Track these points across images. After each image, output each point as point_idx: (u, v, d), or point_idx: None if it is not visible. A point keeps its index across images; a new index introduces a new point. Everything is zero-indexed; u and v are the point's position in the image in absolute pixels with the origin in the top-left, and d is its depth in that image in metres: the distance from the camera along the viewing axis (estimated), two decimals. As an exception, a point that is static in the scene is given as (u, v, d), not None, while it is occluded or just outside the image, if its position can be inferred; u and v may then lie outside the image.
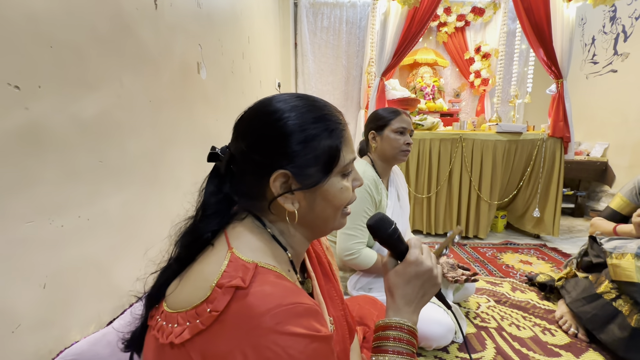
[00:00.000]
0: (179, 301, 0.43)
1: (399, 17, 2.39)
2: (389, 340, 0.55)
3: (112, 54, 0.83)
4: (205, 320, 0.39)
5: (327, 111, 0.51)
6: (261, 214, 0.52)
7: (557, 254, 2.23)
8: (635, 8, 2.87)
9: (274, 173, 0.47)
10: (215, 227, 0.50)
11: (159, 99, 1.05)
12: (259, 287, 0.41)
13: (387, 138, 1.23)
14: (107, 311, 0.81)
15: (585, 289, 1.30)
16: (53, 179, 0.65)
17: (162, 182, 1.09)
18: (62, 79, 0.68)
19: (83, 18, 0.73)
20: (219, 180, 0.52)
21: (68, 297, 0.69)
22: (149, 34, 1.00)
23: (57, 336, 0.66)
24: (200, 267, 0.46)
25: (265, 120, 0.48)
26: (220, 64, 1.62)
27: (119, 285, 0.85)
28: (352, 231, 1.16)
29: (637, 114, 2.90)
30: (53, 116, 0.65)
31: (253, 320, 0.38)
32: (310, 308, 0.42)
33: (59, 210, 0.67)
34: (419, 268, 0.56)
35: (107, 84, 0.81)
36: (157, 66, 1.04)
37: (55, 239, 0.66)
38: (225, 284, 0.40)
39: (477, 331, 1.28)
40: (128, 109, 0.89)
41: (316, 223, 0.53)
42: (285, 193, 0.48)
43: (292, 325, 0.39)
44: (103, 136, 0.80)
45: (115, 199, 0.84)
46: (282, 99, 0.50)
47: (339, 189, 0.51)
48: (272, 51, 3.00)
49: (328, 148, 0.48)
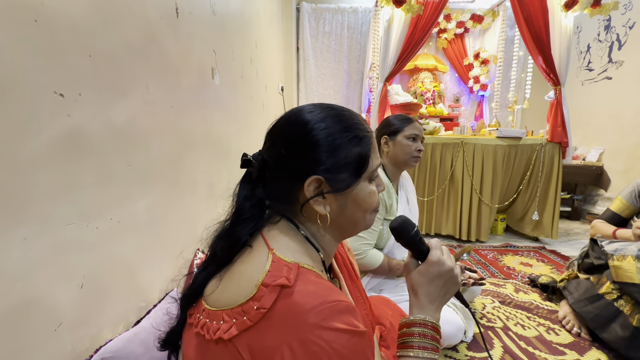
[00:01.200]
0: (223, 300, 0.46)
1: (403, 24, 2.44)
2: (414, 336, 0.58)
3: (140, 61, 0.86)
4: (253, 317, 0.42)
5: (355, 120, 0.54)
6: (294, 217, 0.55)
7: (556, 256, 2.29)
8: (629, 17, 2.96)
9: (308, 178, 0.50)
10: (252, 230, 0.53)
11: (179, 104, 1.08)
12: (303, 285, 0.44)
13: (399, 144, 1.27)
14: (133, 311, 0.83)
15: (587, 289, 1.34)
16: (90, 183, 0.68)
17: (182, 185, 1.11)
18: (99, 86, 0.70)
19: (116, 27, 0.76)
20: (251, 185, 0.55)
21: (102, 297, 0.71)
22: (171, 41, 1.03)
23: (92, 335, 0.68)
24: (243, 268, 0.49)
25: (299, 130, 0.51)
26: (232, 69, 1.65)
27: (145, 286, 0.87)
28: (363, 233, 1.20)
29: (631, 120, 2.99)
30: (91, 122, 0.68)
31: (299, 317, 0.41)
32: (349, 305, 0.45)
33: (95, 212, 0.69)
34: (441, 268, 0.60)
35: (136, 90, 0.84)
36: (177, 72, 1.07)
37: (92, 241, 0.68)
38: (271, 283, 0.43)
39: (484, 331, 1.32)
40: (153, 114, 0.92)
41: (346, 225, 0.56)
42: (318, 196, 0.51)
43: (335, 321, 0.41)
44: (131, 141, 0.82)
45: (142, 201, 0.87)
46: (310, 109, 0.53)
47: (368, 192, 0.54)
48: (276, 56, 3.04)
49: (358, 154, 0.52)
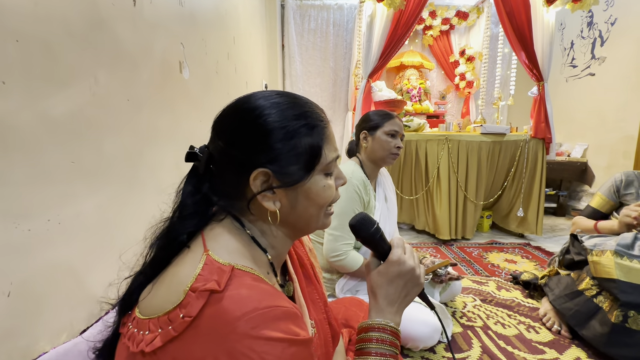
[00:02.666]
0: (152, 307, 0.41)
1: (385, 19, 2.41)
2: (371, 342, 0.54)
3: (85, 50, 0.80)
4: (178, 326, 0.38)
5: (308, 108, 0.49)
6: (241, 214, 0.50)
7: (541, 252, 2.28)
8: (610, 14, 2.98)
9: (254, 171, 0.45)
10: (192, 229, 0.48)
11: (138, 98, 1.02)
12: (235, 290, 0.39)
13: (378, 139, 1.24)
14: (80, 319, 0.77)
15: (568, 286, 1.32)
16: (19, 180, 0.61)
17: (143, 184, 1.05)
18: (30, 74, 0.64)
19: (53, 11, 0.70)
20: (197, 180, 0.50)
21: (36, 306, 0.65)
22: (127, 30, 0.97)
23: (23, 347, 0.62)
24: (175, 270, 0.44)
25: (245, 117, 0.47)
26: (204, 64, 1.59)
27: (94, 292, 0.81)
28: (340, 231, 1.15)
29: (614, 116, 3.01)
30: (19, 114, 0.62)
31: (228, 325, 0.37)
32: (289, 311, 0.41)
33: (26, 213, 0.63)
34: (401, 267, 0.56)
35: (80, 80, 0.78)
36: (135, 64, 1.01)
37: (22, 244, 0.62)
38: (200, 288, 0.39)
39: (464, 330, 1.29)
40: (103, 107, 0.86)
41: (299, 223, 0.51)
42: (265, 191, 0.46)
43: (268, 329, 0.37)
44: (76, 135, 0.76)
45: (90, 201, 0.80)
46: (262, 95, 0.49)
47: (322, 187, 0.50)
48: (259, 52, 2.98)
49: (309, 146, 0.47)
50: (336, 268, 1.21)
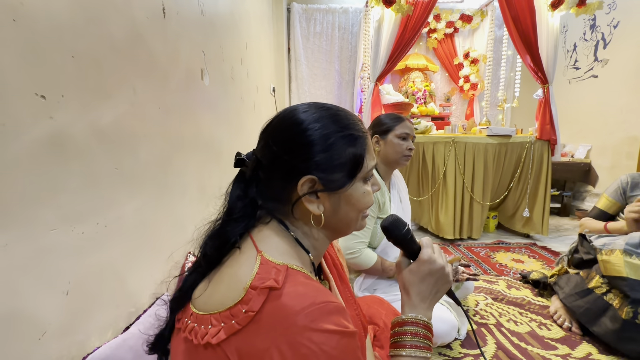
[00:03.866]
0: (211, 303, 0.45)
1: (393, 24, 2.45)
2: (406, 335, 0.58)
3: (126, 62, 0.84)
4: (241, 320, 0.41)
5: (350, 120, 0.54)
6: (285, 217, 0.54)
7: (547, 252, 2.32)
8: (613, 17, 3.03)
9: (302, 178, 0.49)
10: (242, 231, 0.52)
11: (167, 106, 1.06)
12: (292, 287, 0.43)
13: (390, 143, 1.28)
14: (122, 317, 0.81)
15: (577, 284, 1.36)
16: (75, 187, 0.66)
17: (171, 188, 1.09)
18: (83, 87, 0.69)
19: (101, 27, 0.75)
20: (244, 184, 0.54)
21: (88, 304, 0.70)
22: (158, 41, 1.01)
23: (79, 342, 0.66)
24: (231, 270, 0.48)
25: (294, 129, 0.51)
26: (222, 70, 1.64)
27: (133, 291, 0.86)
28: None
29: (616, 117, 3.05)
30: (75, 125, 0.66)
31: (288, 319, 0.40)
32: (339, 306, 0.44)
33: (80, 217, 0.67)
34: (432, 266, 0.60)
35: (122, 91, 0.82)
36: (165, 73, 1.06)
37: (77, 246, 0.66)
38: (259, 286, 0.42)
39: (478, 328, 1.33)
40: (140, 116, 0.90)
41: (339, 225, 0.55)
42: (310, 195, 0.50)
43: (324, 322, 0.41)
44: (118, 143, 0.81)
45: (130, 205, 0.85)
46: (305, 109, 0.52)
47: (362, 193, 0.54)
48: (267, 56, 3.03)
49: (352, 155, 0.51)
50: (351, 265, 1.25)
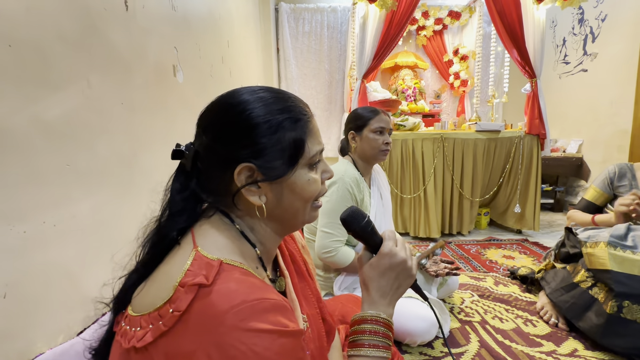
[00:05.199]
0: (143, 304, 0.42)
1: (378, 20, 2.43)
2: (364, 334, 0.55)
3: (78, 54, 0.81)
4: (168, 321, 0.38)
5: (291, 102, 0.50)
6: (229, 210, 0.51)
7: (539, 247, 2.29)
8: (601, 10, 3.01)
9: (238, 166, 0.46)
10: (183, 225, 0.49)
11: (132, 101, 1.03)
12: (223, 284, 0.40)
13: (366, 138, 1.24)
14: (77, 321, 0.77)
15: (564, 278, 1.33)
16: (14, 183, 0.62)
17: (139, 186, 1.06)
18: (22, 78, 0.65)
19: (45, 16, 0.71)
20: (185, 177, 0.51)
21: (32, 307, 0.66)
22: (120, 35, 0.98)
23: (20, 349, 0.62)
24: (166, 268, 0.45)
25: (229, 112, 0.47)
26: (199, 68, 1.60)
27: (90, 294, 0.81)
28: (331, 229, 1.16)
29: (606, 111, 3.03)
30: (12, 117, 0.62)
31: (216, 318, 0.37)
32: (277, 303, 0.41)
33: (21, 215, 0.64)
34: (392, 259, 0.56)
35: (73, 84, 0.79)
36: (129, 68, 1.02)
37: (17, 246, 0.63)
38: (188, 283, 0.39)
39: (462, 326, 1.29)
40: (97, 111, 0.87)
41: (285, 217, 0.52)
42: (250, 185, 0.47)
43: (256, 321, 0.38)
44: (70, 138, 0.77)
45: (85, 203, 0.81)
46: (246, 90, 0.49)
47: (306, 180, 0.50)
48: (254, 56, 3.00)
49: (293, 139, 0.48)
50: (329, 264, 1.22)
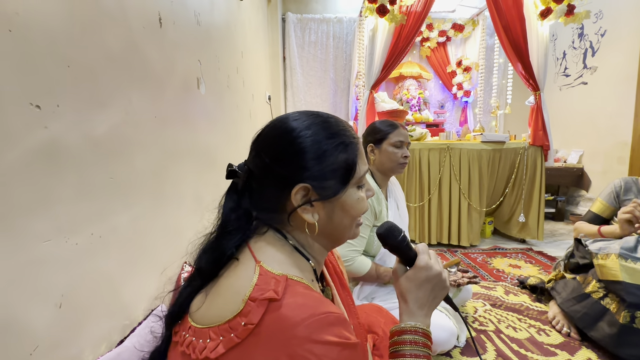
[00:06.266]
0: (210, 316, 0.44)
1: (387, 33, 2.49)
2: (405, 344, 0.57)
3: (121, 72, 0.84)
4: (240, 333, 0.40)
5: (341, 127, 0.54)
6: (281, 226, 0.54)
7: (543, 257, 2.33)
8: (600, 26, 3.11)
9: (295, 186, 0.49)
10: (238, 243, 0.51)
11: (163, 115, 1.06)
12: (292, 298, 0.42)
13: (385, 151, 1.28)
14: (117, 330, 0.79)
15: (575, 289, 1.36)
16: (69, 197, 0.65)
17: (167, 197, 1.08)
18: (78, 97, 0.68)
19: (96, 37, 0.75)
20: (237, 196, 0.54)
21: (82, 316, 0.68)
22: (154, 51, 1.01)
23: (72, 357, 0.64)
24: (230, 282, 0.47)
25: (285, 138, 0.50)
26: (217, 79, 1.64)
27: (128, 303, 0.84)
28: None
29: (606, 123, 3.10)
30: (69, 134, 0.65)
31: (288, 331, 0.40)
32: (340, 317, 0.44)
33: (74, 227, 0.66)
34: (429, 272, 0.59)
35: (117, 101, 0.82)
36: (161, 82, 1.06)
37: (71, 257, 0.65)
38: (259, 297, 0.42)
39: (477, 334, 1.32)
40: (135, 125, 0.90)
41: (334, 233, 0.55)
42: (305, 204, 0.50)
43: (325, 334, 0.40)
44: (113, 152, 0.80)
45: (125, 215, 0.84)
46: (296, 117, 0.53)
47: (356, 199, 0.54)
48: (263, 65, 3.05)
49: (344, 161, 0.51)
50: (347, 274, 1.25)
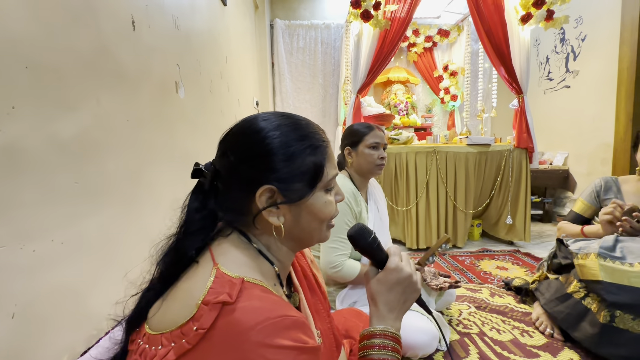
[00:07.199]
0: (164, 322, 0.43)
1: (372, 38, 2.52)
2: (374, 348, 0.56)
3: (90, 74, 0.83)
4: (192, 339, 0.39)
5: (310, 129, 0.53)
6: (246, 229, 0.53)
7: (530, 258, 2.33)
8: (580, 31, 3.18)
9: (260, 188, 0.48)
10: (200, 244, 0.50)
11: (137, 118, 1.05)
12: (247, 301, 0.41)
13: (362, 153, 1.28)
14: (81, 341, 0.76)
15: (557, 289, 1.36)
16: (27, 202, 0.63)
17: (142, 202, 1.06)
18: (38, 99, 0.67)
19: (62, 39, 0.73)
20: (203, 196, 0.52)
21: (40, 327, 0.65)
22: (127, 54, 1.00)
23: (27, 370, 0.62)
24: (186, 285, 0.45)
25: (252, 138, 0.49)
26: (199, 84, 1.63)
27: (96, 313, 0.81)
28: (334, 244, 1.17)
29: (589, 125, 3.16)
30: (28, 137, 0.64)
31: (241, 335, 0.38)
32: (297, 320, 0.42)
33: (32, 234, 0.64)
34: (399, 275, 0.58)
35: (85, 103, 0.81)
36: (135, 86, 1.04)
37: (27, 265, 0.63)
38: (212, 301, 0.40)
39: (461, 338, 1.31)
40: (106, 129, 0.88)
41: (302, 236, 0.54)
42: (271, 207, 0.49)
43: (280, 338, 0.39)
44: (80, 156, 0.78)
45: (93, 220, 0.81)
46: (265, 117, 0.51)
47: (323, 202, 0.53)
48: (250, 71, 3.05)
49: (312, 164, 0.50)
50: (336, 279, 1.22)
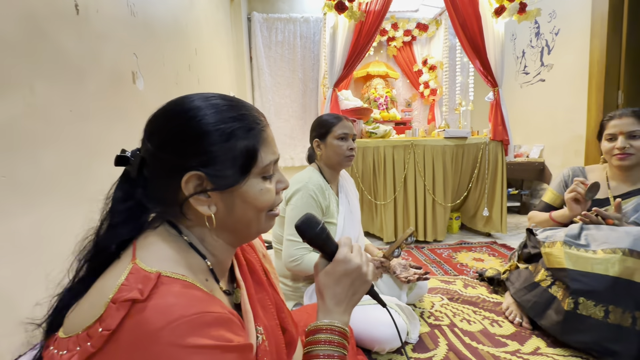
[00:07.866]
0: (74, 324, 0.39)
1: (347, 30, 2.48)
2: (319, 344, 0.53)
3: (20, 59, 0.76)
4: (96, 341, 0.35)
5: (244, 110, 0.49)
6: (177, 220, 0.49)
7: (506, 249, 2.37)
8: (554, 25, 3.24)
9: (186, 174, 0.44)
10: (126, 237, 0.46)
11: (84, 109, 0.98)
12: (160, 299, 0.37)
13: (330, 145, 1.25)
14: (14, 347, 0.70)
15: (526, 278, 1.37)
16: None
17: (91, 199, 0.99)
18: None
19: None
20: (129, 185, 0.48)
21: (-44, 335, 0.59)
22: (70, 40, 0.93)
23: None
24: (100, 283, 0.42)
25: (178, 118, 0.45)
26: (162, 75, 1.56)
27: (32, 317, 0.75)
28: (295, 237, 1.14)
29: (563, 118, 3.23)
30: None
31: (150, 336, 0.35)
32: (220, 316, 0.39)
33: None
34: (347, 266, 0.56)
35: (14, 91, 0.74)
36: (80, 74, 0.97)
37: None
38: (120, 298, 0.36)
39: (431, 330, 1.30)
40: (42, 119, 0.82)
41: (238, 227, 0.50)
42: (198, 195, 0.45)
43: (196, 336, 0.36)
44: (7, 148, 0.71)
45: (25, 218, 0.75)
46: (198, 97, 0.47)
47: (259, 190, 0.49)
48: (225, 64, 2.97)
49: (245, 148, 0.47)
50: (297, 273, 1.19)
